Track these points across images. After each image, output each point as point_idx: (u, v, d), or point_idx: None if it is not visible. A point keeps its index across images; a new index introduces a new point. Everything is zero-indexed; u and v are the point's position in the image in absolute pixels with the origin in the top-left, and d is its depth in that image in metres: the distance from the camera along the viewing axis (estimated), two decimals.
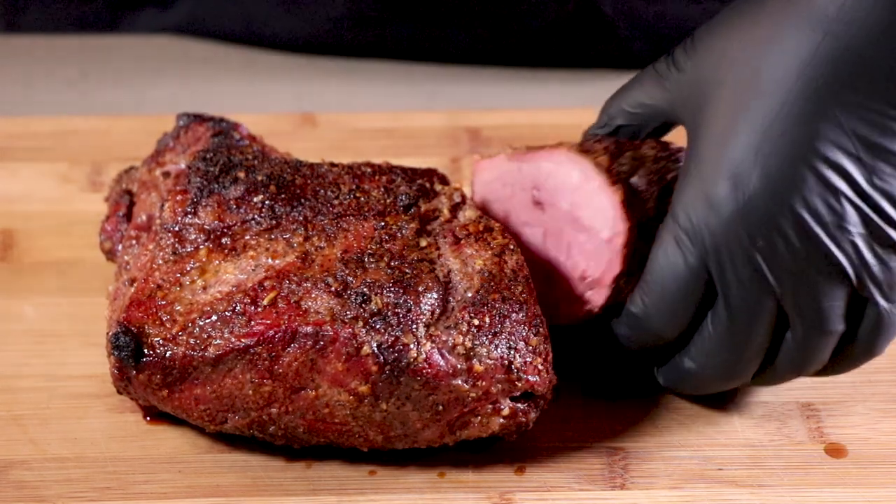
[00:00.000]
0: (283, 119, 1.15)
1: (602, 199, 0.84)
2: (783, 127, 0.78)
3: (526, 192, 0.88)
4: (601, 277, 0.85)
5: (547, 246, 0.88)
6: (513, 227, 0.90)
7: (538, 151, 0.88)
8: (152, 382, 0.84)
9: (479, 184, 0.92)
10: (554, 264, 0.87)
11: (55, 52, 1.26)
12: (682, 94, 0.84)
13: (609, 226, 0.84)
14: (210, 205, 0.88)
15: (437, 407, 0.82)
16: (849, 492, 0.85)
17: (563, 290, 0.87)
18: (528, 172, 0.88)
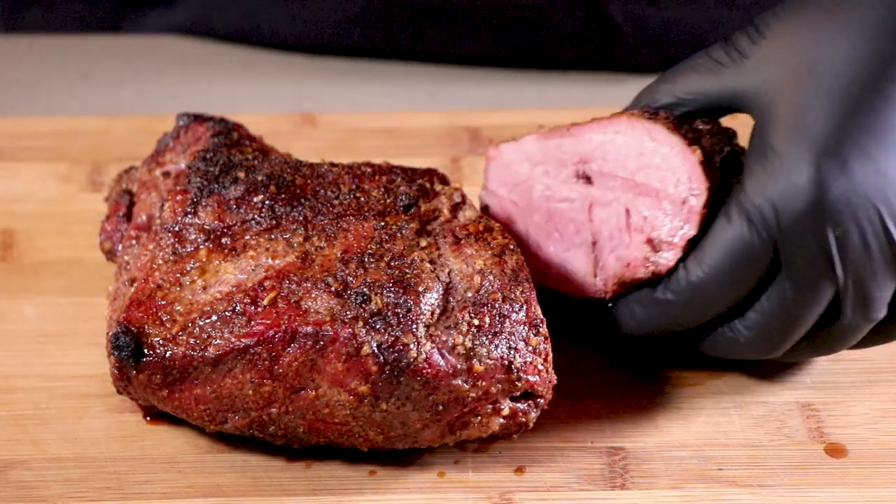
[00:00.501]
0: (283, 119, 1.15)
1: (678, 159, 0.84)
2: (869, 120, 0.79)
3: (566, 167, 0.88)
4: (673, 238, 0.84)
5: (594, 217, 0.88)
6: (543, 207, 0.90)
7: (586, 125, 0.88)
8: (152, 382, 0.84)
9: (496, 169, 0.92)
10: (603, 234, 0.87)
11: (55, 52, 1.26)
12: (749, 81, 0.84)
13: (686, 186, 0.84)
14: (210, 205, 0.88)
15: (437, 407, 0.82)
16: (849, 492, 0.85)
17: (617, 257, 0.87)
18: (572, 147, 0.88)
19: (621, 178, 0.86)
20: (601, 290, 0.88)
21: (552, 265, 0.90)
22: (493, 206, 0.93)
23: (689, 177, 0.84)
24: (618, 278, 0.87)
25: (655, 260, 0.85)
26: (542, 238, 0.90)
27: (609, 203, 0.87)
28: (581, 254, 0.88)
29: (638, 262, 0.86)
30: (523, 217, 0.91)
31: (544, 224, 0.90)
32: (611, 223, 0.87)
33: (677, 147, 0.84)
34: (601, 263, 0.87)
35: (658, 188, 0.85)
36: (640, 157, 0.86)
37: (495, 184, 0.92)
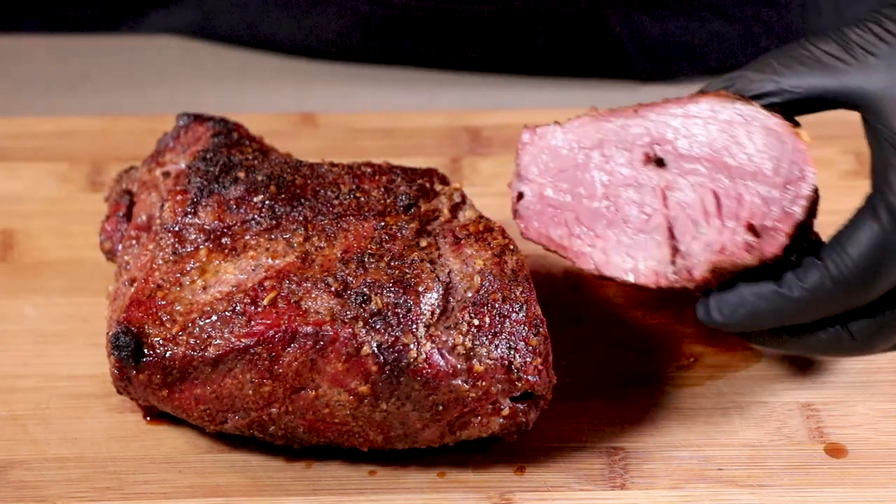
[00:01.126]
0: (283, 119, 1.15)
1: (780, 141, 0.81)
2: None
3: (632, 150, 0.84)
4: (780, 223, 0.80)
5: (669, 202, 0.83)
6: (601, 192, 0.85)
7: (659, 105, 0.84)
8: (152, 382, 0.84)
9: (533, 154, 0.87)
10: (683, 220, 0.83)
11: (55, 52, 1.26)
12: (879, 82, 0.81)
13: (791, 169, 0.80)
14: (210, 205, 0.88)
15: (437, 407, 0.82)
16: (849, 492, 0.85)
17: (706, 243, 0.82)
18: (642, 128, 0.84)
19: (707, 161, 0.82)
20: (682, 278, 0.83)
21: (614, 254, 0.85)
22: (530, 195, 0.88)
23: (792, 159, 0.80)
24: (711, 265, 0.82)
25: (760, 245, 0.81)
26: (600, 226, 0.86)
27: (690, 187, 0.83)
28: (652, 241, 0.84)
29: (737, 248, 0.81)
30: (573, 205, 0.86)
31: (603, 211, 0.85)
32: (693, 208, 0.83)
33: (780, 128, 0.81)
34: (683, 250, 0.83)
35: (756, 171, 0.81)
36: (732, 139, 0.82)
37: (532, 170, 0.87)
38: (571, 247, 0.86)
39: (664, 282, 0.83)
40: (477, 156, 1.11)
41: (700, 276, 0.82)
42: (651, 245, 0.84)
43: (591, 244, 0.85)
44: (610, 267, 0.85)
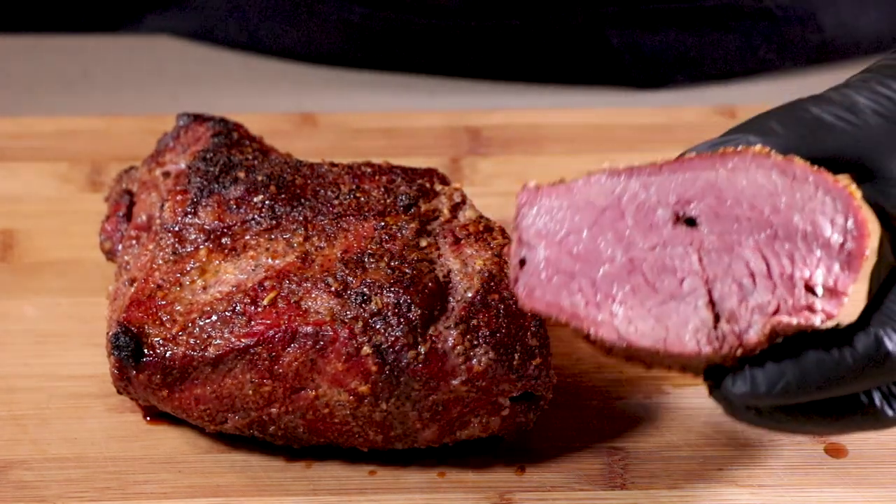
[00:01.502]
0: (283, 119, 1.15)
1: (830, 197, 0.76)
2: None
3: (658, 209, 0.77)
4: (837, 285, 0.75)
5: (706, 263, 0.76)
6: (621, 257, 0.77)
7: (687, 161, 0.77)
8: (152, 382, 0.84)
9: (535, 216, 0.78)
10: (725, 282, 0.76)
11: (55, 52, 1.26)
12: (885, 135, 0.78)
13: (845, 228, 0.75)
14: (210, 205, 0.88)
15: (437, 407, 0.82)
16: (849, 492, 0.85)
17: (757, 306, 0.75)
18: (668, 186, 0.77)
19: (747, 220, 0.76)
20: (730, 344, 0.75)
21: (642, 322, 0.76)
22: (534, 261, 0.78)
23: (845, 217, 0.75)
24: (769, 328, 0.75)
25: (823, 305, 0.75)
26: (622, 292, 0.77)
27: (730, 247, 0.76)
28: (688, 307, 0.76)
29: (797, 310, 0.75)
30: (587, 270, 0.77)
31: (625, 276, 0.77)
32: (735, 270, 0.76)
33: (828, 184, 0.76)
34: (727, 314, 0.76)
35: (805, 230, 0.75)
36: (773, 197, 0.76)
37: (536, 235, 0.78)
38: (588, 316, 0.77)
39: (707, 349, 0.76)
40: (477, 156, 1.11)
41: (755, 341, 0.75)
42: (687, 310, 0.76)
43: (612, 312, 0.77)
44: (638, 336, 0.76)
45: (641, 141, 1.12)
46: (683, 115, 1.15)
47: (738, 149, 0.77)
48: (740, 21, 1.18)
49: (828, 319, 0.75)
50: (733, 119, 1.14)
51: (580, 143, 1.12)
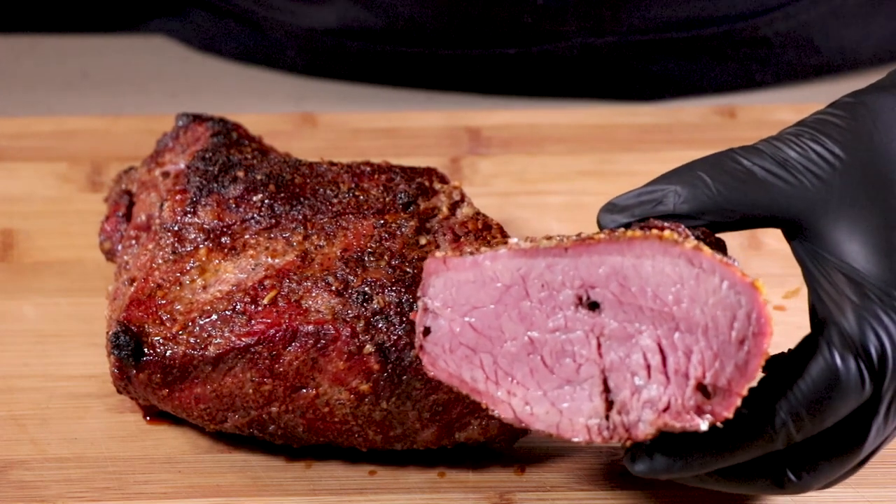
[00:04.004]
0: (283, 119, 1.15)
1: (734, 293, 0.72)
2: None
3: (561, 291, 0.75)
4: (734, 384, 0.73)
5: (604, 352, 0.75)
6: (521, 336, 0.76)
7: (593, 244, 0.75)
8: (152, 382, 0.84)
9: (442, 287, 0.77)
10: (620, 372, 0.75)
11: (55, 52, 1.26)
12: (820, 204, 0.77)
13: (746, 325, 0.72)
14: (209, 204, 0.88)
15: (437, 407, 0.82)
16: (849, 492, 0.84)
17: (649, 401, 0.74)
18: (573, 269, 0.75)
19: (650, 310, 0.74)
20: (619, 435, 0.75)
21: (538, 405, 0.76)
22: (439, 331, 0.77)
23: (748, 314, 0.72)
24: (656, 427, 0.74)
25: (712, 407, 0.73)
26: (521, 373, 0.76)
27: (630, 336, 0.74)
28: (583, 393, 0.75)
29: (685, 410, 0.74)
30: (489, 346, 0.77)
31: (525, 357, 0.76)
32: (632, 360, 0.74)
33: (733, 279, 0.72)
34: (619, 405, 0.75)
35: (706, 324, 0.73)
36: (680, 287, 0.73)
37: (442, 305, 0.77)
38: (488, 392, 0.77)
39: (598, 438, 0.75)
40: (477, 156, 1.11)
41: (643, 436, 0.75)
42: (581, 397, 0.75)
43: (510, 391, 0.77)
44: (533, 418, 0.76)
45: (641, 141, 1.12)
46: (683, 115, 1.15)
47: (647, 234, 0.74)
48: (738, 49, 1.17)
49: (716, 421, 0.73)
50: (733, 119, 1.14)
51: (580, 143, 1.12)
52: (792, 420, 0.75)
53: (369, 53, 1.19)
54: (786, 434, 0.75)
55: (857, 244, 0.76)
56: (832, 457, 0.77)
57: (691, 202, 0.78)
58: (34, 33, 1.28)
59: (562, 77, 1.19)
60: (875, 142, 0.78)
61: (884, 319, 0.75)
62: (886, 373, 0.74)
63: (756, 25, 1.16)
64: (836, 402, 0.74)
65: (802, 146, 0.78)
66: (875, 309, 0.75)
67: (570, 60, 1.17)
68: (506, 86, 1.20)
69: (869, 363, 0.74)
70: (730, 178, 0.78)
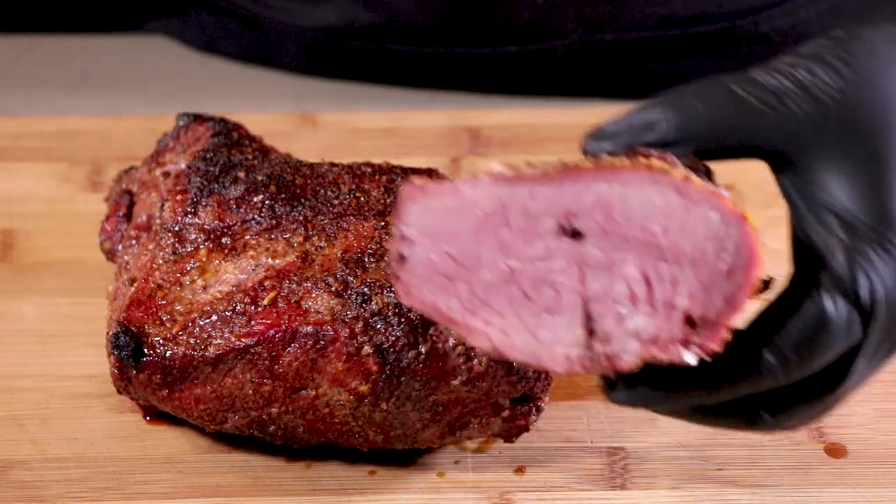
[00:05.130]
0: (283, 119, 1.15)
1: (723, 225, 0.70)
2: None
3: (543, 219, 0.73)
4: (723, 316, 0.71)
5: (586, 281, 0.73)
6: (501, 265, 0.73)
7: (578, 171, 0.73)
8: (152, 382, 0.84)
9: (419, 213, 0.74)
10: (604, 302, 0.73)
11: (55, 52, 1.26)
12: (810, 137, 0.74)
13: (735, 257, 0.70)
14: (210, 205, 0.88)
15: (437, 407, 0.82)
16: (849, 492, 0.85)
17: (634, 332, 0.72)
18: (555, 197, 0.73)
19: (635, 240, 0.72)
20: (601, 365, 0.73)
21: (516, 334, 0.74)
22: (416, 259, 0.74)
23: (737, 245, 0.70)
24: (642, 359, 0.72)
25: (700, 340, 0.71)
26: (499, 301, 0.74)
27: (614, 266, 0.72)
28: (564, 322, 0.73)
29: (673, 342, 0.71)
30: (467, 275, 0.74)
31: (503, 286, 0.74)
32: (616, 290, 0.72)
33: (723, 210, 0.70)
34: (601, 334, 0.73)
35: (694, 256, 0.71)
36: (667, 217, 0.71)
37: (417, 231, 0.74)
38: (464, 322, 0.74)
39: (579, 369, 0.73)
40: (477, 156, 1.11)
41: (626, 367, 0.72)
42: (562, 326, 0.73)
43: (488, 321, 0.74)
44: (511, 348, 0.74)
45: None
46: None
47: (635, 161, 0.72)
48: (738, 46, 1.17)
49: (703, 354, 0.71)
50: None
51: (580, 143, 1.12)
52: (780, 362, 0.73)
53: (369, 53, 1.19)
54: (773, 376, 0.73)
55: (847, 181, 0.74)
56: (809, 398, 0.75)
57: (681, 130, 0.75)
58: (34, 33, 1.28)
59: (562, 75, 1.19)
60: (868, 77, 0.75)
61: (874, 261, 0.72)
62: (876, 315, 0.72)
63: (756, 22, 1.16)
64: (824, 345, 0.72)
65: (797, 76, 0.75)
66: (866, 250, 0.72)
67: (569, 59, 1.17)
68: (506, 85, 1.20)
69: (858, 306, 0.72)
70: (722, 105, 0.75)
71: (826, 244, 0.73)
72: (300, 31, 1.20)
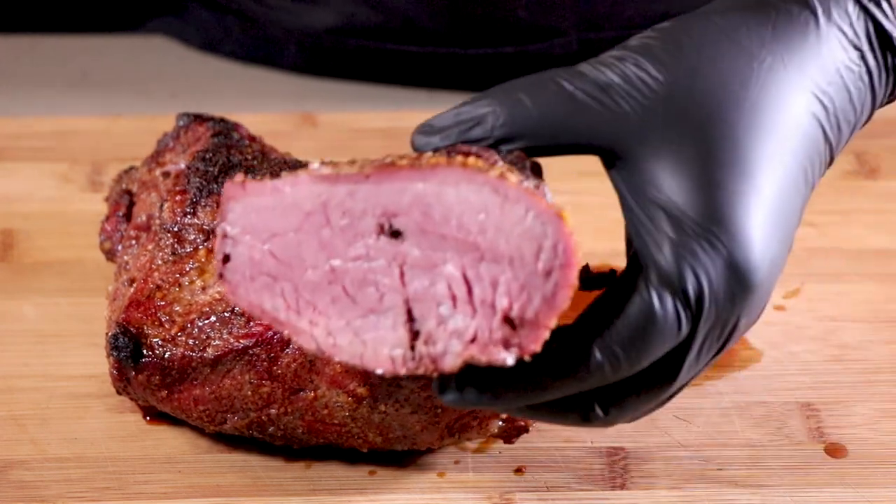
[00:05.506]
0: (283, 119, 1.15)
1: (540, 224, 0.69)
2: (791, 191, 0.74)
3: (362, 219, 0.72)
4: (541, 316, 0.70)
5: (407, 281, 0.72)
6: (322, 264, 0.73)
7: (394, 170, 0.71)
8: (151, 383, 0.84)
9: (241, 212, 0.74)
10: (425, 302, 0.71)
11: (55, 52, 1.26)
12: (637, 133, 0.74)
13: (552, 256, 0.69)
14: (209, 205, 0.87)
15: (436, 409, 0.82)
16: (849, 492, 0.85)
17: (455, 332, 0.71)
18: (374, 197, 0.72)
19: (454, 239, 0.70)
20: (425, 366, 0.71)
21: (341, 335, 0.73)
22: (239, 258, 0.74)
23: (554, 245, 0.69)
24: (463, 360, 0.71)
25: (520, 340, 0.70)
26: (323, 302, 0.73)
27: (433, 265, 0.71)
28: (386, 323, 0.72)
29: (493, 343, 0.70)
30: (290, 275, 0.73)
31: (326, 286, 0.73)
32: (437, 290, 0.71)
33: (539, 209, 0.69)
34: (424, 335, 0.71)
35: (512, 255, 0.70)
36: (483, 216, 0.70)
37: (242, 231, 0.74)
38: (289, 322, 0.73)
39: (403, 370, 0.72)
40: None
41: (449, 368, 0.71)
42: (385, 327, 0.72)
43: (312, 321, 0.73)
44: (336, 349, 0.73)
45: None
46: None
47: (450, 159, 0.71)
48: None
49: (522, 355, 0.70)
50: None
51: None
52: (607, 360, 0.72)
53: (369, 52, 1.19)
54: (600, 374, 0.72)
55: (675, 176, 0.73)
56: (641, 392, 0.75)
57: (510, 125, 0.74)
58: (34, 33, 1.28)
59: None
60: (697, 70, 0.75)
61: (701, 257, 0.72)
62: (703, 312, 0.72)
63: None
64: (652, 342, 0.72)
65: (624, 70, 0.75)
66: (693, 246, 0.72)
67: (568, 58, 1.17)
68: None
69: (686, 302, 0.72)
70: (550, 100, 0.74)
71: (655, 240, 0.73)
72: (300, 30, 1.20)
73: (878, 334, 0.95)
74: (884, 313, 0.97)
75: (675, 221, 0.72)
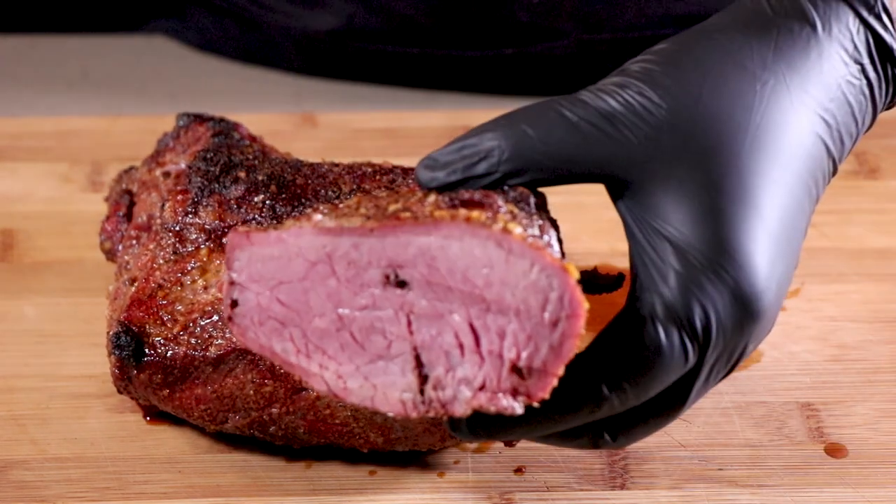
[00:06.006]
0: (283, 119, 1.15)
1: (545, 277, 0.70)
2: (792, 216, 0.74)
3: (368, 270, 0.73)
4: (549, 365, 0.70)
5: (415, 330, 0.72)
6: (331, 313, 0.73)
7: (398, 225, 0.72)
8: (153, 382, 0.84)
9: (247, 261, 0.74)
10: (434, 350, 0.72)
11: (55, 52, 1.26)
12: (641, 162, 0.73)
13: (558, 308, 0.70)
14: (211, 204, 0.88)
15: None
16: (849, 492, 0.85)
17: (464, 380, 0.72)
18: (378, 250, 0.72)
19: (459, 290, 0.71)
20: (436, 410, 0.73)
21: (351, 379, 0.74)
22: (247, 303, 0.75)
23: (560, 296, 0.70)
24: (473, 408, 0.72)
25: (528, 389, 0.71)
26: (332, 347, 0.74)
27: (440, 315, 0.72)
28: (395, 368, 0.73)
29: (502, 391, 0.71)
30: (296, 320, 0.74)
31: (334, 332, 0.74)
32: (445, 339, 0.72)
33: (543, 263, 0.70)
34: (434, 380, 0.72)
35: (518, 307, 0.70)
36: (487, 270, 0.71)
37: (249, 279, 0.75)
38: (300, 364, 0.75)
39: (413, 413, 0.73)
40: None
41: (460, 413, 0.72)
42: (394, 372, 0.73)
43: (322, 365, 0.75)
44: (347, 392, 0.74)
45: None
46: None
47: (454, 214, 0.71)
48: None
49: (531, 402, 0.71)
50: None
51: None
52: (616, 395, 0.73)
53: (368, 53, 1.19)
54: (609, 407, 0.73)
55: (680, 206, 0.72)
56: (649, 419, 0.75)
57: (515, 160, 0.73)
58: (34, 33, 1.28)
59: (560, 76, 1.19)
60: (700, 96, 0.74)
61: (708, 289, 0.72)
62: (710, 343, 0.72)
63: None
64: (659, 375, 0.72)
65: (627, 99, 0.73)
66: (699, 278, 0.71)
67: (567, 59, 1.17)
68: (504, 85, 1.20)
69: (693, 335, 0.72)
70: (555, 132, 0.73)
71: (660, 272, 0.72)
72: (299, 33, 1.20)
73: (877, 334, 0.95)
74: (884, 313, 0.97)
75: (681, 253, 0.72)
